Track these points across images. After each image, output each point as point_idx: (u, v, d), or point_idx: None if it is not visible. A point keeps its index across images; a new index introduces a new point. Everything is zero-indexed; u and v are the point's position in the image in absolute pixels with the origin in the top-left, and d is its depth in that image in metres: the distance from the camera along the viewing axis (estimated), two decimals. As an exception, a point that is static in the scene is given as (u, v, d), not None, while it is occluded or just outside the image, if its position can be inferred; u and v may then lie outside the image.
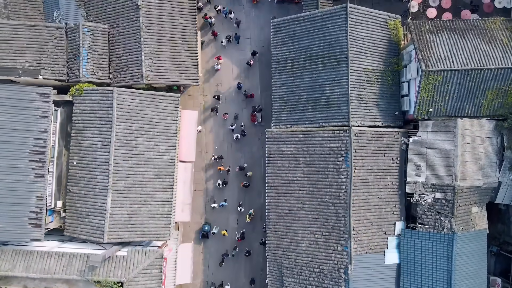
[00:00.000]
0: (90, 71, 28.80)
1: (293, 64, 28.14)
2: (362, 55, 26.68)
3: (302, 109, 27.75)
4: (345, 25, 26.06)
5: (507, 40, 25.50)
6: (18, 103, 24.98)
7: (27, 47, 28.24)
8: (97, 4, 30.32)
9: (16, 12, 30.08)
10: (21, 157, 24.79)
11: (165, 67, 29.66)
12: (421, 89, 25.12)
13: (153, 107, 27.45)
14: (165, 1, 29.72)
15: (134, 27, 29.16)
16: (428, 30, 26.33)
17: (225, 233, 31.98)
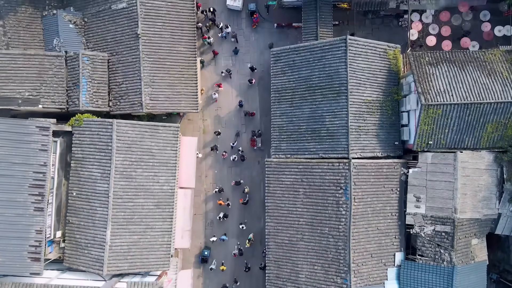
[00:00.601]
0: (90, 100, 28.82)
1: (293, 94, 28.13)
2: (362, 87, 26.67)
3: (301, 139, 27.73)
4: (345, 57, 26.06)
5: (506, 72, 25.48)
6: (18, 137, 24.98)
7: (27, 76, 28.32)
8: (96, 31, 30.37)
9: (15, 39, 30.13)
10: (20, 191, 24.78)
11: (164, 95, 29.68)
12: (420, 122, 25.10)
13: (153, 138, 27.45)
14: (164, 29, 29.75)
15: (134, 56, 29.18)
16: (428, 62, 26.32)
17: (223, 268, 31.85)
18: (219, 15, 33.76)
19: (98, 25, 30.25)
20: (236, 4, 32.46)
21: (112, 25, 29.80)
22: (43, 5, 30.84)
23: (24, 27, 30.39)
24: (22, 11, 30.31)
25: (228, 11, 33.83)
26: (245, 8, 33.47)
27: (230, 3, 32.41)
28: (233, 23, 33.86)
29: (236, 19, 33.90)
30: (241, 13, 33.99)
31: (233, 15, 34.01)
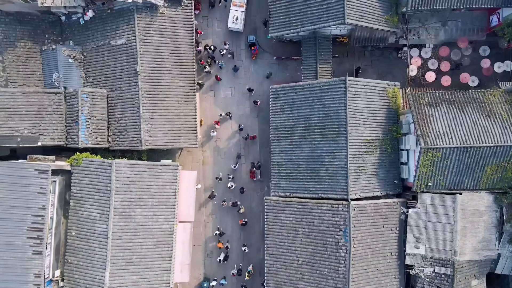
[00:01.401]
0: (89, 136, 28.80)
1: (292, 132, 28.09)
2: (361, 127, 26.63)
3: (301, 178, 27.68)
4: (344, 98, 26.04)
5: (506, 114, 25.45)
6: (16, 180, 24.93)
7: (26, 114, 28.29)
8: (96, 66, 30.35)
9: (14, 74, 30.05)
10: (19, 234, 24.71)
11: (163, 131, 29.65)
12: (420, 165, 25.06)
13: (152, 177, 27.41)
14: (164, 65, 29.74)
15: (133, 92, 29.17)
16: (427, 102, 26.29)
17: None
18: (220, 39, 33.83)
19: (98, 60, 30.23)
20: (238, 27, 32.43)
21: (112, 60, 29.79)
22: (42, 40, 30.80)
23: (24, 61, 30.31)
24: (21, 46, 30.24)
25: (229, 33, 33.67)
26: (245, 32, 33.37)
27: (232, 25, 32.36)
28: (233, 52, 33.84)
29: (235, 50, 33.81)
30: (241, 44, 33.94)
31: (234, 37, 33.79)
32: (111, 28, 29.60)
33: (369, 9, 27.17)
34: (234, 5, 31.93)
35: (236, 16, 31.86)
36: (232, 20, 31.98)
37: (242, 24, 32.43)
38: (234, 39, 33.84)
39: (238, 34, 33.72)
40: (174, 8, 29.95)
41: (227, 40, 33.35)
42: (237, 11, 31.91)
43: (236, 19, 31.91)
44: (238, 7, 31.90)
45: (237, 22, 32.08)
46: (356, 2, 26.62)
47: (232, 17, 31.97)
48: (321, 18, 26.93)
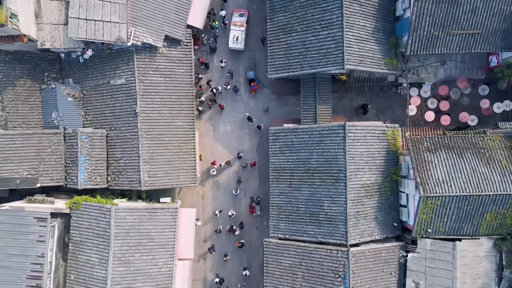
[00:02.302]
0: (88, 177, 28.79)
1: (291, 175, 28.09)
2: (360, 171, 26.63)
3: (300, 221, 27.68)
4: (343, 143, 26.04)
5: (505, 161, 25.44)
6: (15, 228, 24.94)
7: (25, 156, 28.33)
8: (95, 105, 30.36)
9: (14, 113, 30.02)
10: (17, 283, 24.73)
11: (163, 171, 29.63)
12: (419, 212, 25.06)
13: (151, 221, 27.43)
14: (163, 105, 29.75)
15: (132, 133, 29.16)
16: (426, 148, 26.29)
17: None
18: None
19: (97, 99, 30.25)
20: (239, 46, 32.34)
21: (111, 100, 29.80)
22: (42, 78, 30.77)
23: (23, 100, 30.27)
24: (20, 85, 30.21)
25: (230, 52, 33.51)
26: (245, 51, 33.32)
27: (232, 45, 32.25)
28: (232, 84, 33.81)
29: (235, 85, 33.80)
30: (240, 78, 33.90)
31: (235, 56, 33.63)
32: (111, 67, 29.61)
33: (368, 53, 27.19)
34: (234, 25, 31.86)
35: (237, 36, 31.76)
36: (233, 40, 31.88)
37: (243, 44, 32.32)
38: (234, 58, 33.66)
39: (238, 53, 33.50)
40: (173, 47, 29.96)
41: (225, 58, 33.11)
42: (237, 30, 31.77)
43: (236, 39, 31.81)
44: (238, 26, 31.80)
45: (238, 42, 31.96)
46: (355, 47, 26.64)
47: (233, 37, 31.86)
48: (320, 62, 26.95)
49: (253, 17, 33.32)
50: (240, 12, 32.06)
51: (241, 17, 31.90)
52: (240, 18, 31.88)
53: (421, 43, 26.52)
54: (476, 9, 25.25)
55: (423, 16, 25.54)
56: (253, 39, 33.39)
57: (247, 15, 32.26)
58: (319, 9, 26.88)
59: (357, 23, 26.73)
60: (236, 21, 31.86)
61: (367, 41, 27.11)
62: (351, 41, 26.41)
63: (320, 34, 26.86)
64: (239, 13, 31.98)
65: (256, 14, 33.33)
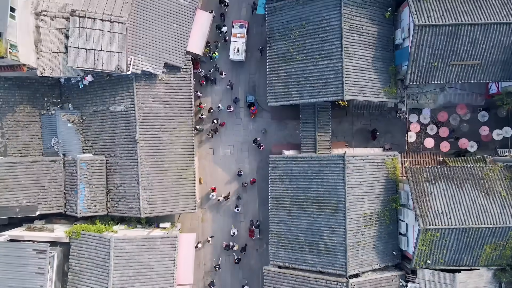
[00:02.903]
0: (88, 205, 28.78)
1: (291, 203, 28.10)
2: (360, 201, 26.64)
3: (299, 249, 27.68)
4: (343, 174, 26.05)
5: (505, 192, 25.44)
6: (14, 260, 24.95)
7: (25, 183, 28.32)
8: (95, 130, 30.35)
9: (13, 140, 29.99)
10: (17, 315, 24.70)
11: (162, 198, 29.62)
12: (418, 244, 25.05)
13: (151, 250, 27.40)
14: (162, 132, 29.74)
15: (132, 160, 29.16)
16: (426, 178, 26.28)
17: None
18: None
19: (96, 125, 30.24)
20: (239, 57, 32.24)
21: (110, 126, 29.80)
22: (42, 103, 30.76)
23: (22, 126, 30.26)
24: (20, 111, 30.20)
25: (231, 64, 33.39)
26: (246, 63, 33.38)
27: (233, 57, 32.13)
28: (232, 113, 33.80)
29: (235, 110, 33.77)
30: (240, 102, 33.87)
31: (236, 67, 33.57)
32: (110, 94, 29.61)
33: (368, 82, 27.20)
34: (234, 36, 31.77)
35: (237, 47, 31.64)
36: (234, 52, 31.78)
37: (243, 55, 32.20)
38: (235, 70, 33.60)
39: (239, 67, 33.45)
40: (173, 74, 29.96)
41: (225, 70, 33.01)
42: (238, 42, 31.66)
43: (237, 50, 31.69)
44: (239, 38, 31.71)
45: (239, 53, 31.85)
46: (355, 77, 26.66)
47: (234, 49, 31.74)
48: (319, 92, 26.97)
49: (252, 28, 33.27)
50: (240, 23, 31.96)
51: (241, 28, 31.81)
52: (240, 29, 31.79)
53: (421, 74, 26.53)
54: (475, 40, 25.26)
55: (422, 48, 25.55)
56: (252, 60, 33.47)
57: (247, 26, 32.16)
58: (318, 39, 26.89)
59: (357, 53, 26.74)
60: (237, 32, 31.78)
61: (367, 71, 27.11)
62: (350, 71, 26.42)
63: (319, 64, 26.87)
64: (239, 24, 31.89)
65: (255, 25, 33.25)
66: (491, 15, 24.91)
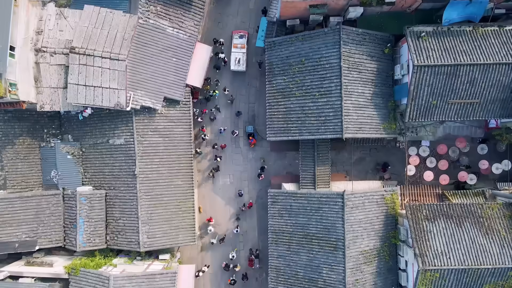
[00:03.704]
0: (87, 239, 28.80)
1: (290, 238, 28.10)
2: (359, 239, 26.63)
3: (299, 285, 27.70)
4: (342, 213, 26.05)
5: (504, 231, 25.43)
6: (14, 300, 24.91)
7: (24, 218, 28.40)
8: (94, 162, 30.37)
9: (13, 172, 30.02)
10: None
11: (162, 231, 29.62)
12: (418, 284, 25.00)
13: (150, 287, 27.35)
14: (162, 165, 29.75)
15: (132, 193, 29.17)
16: (425, 216, 26.28)
17: None
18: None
19: (96, 157, 30.26)
20: (240, 68, 32.18)
21: (110, 159, 29.81)
22: (41, 135, 30.81)
23: (22, 158, 30.29)
24: (20, 143, 30.23)
25: (232, 74, 33.29)
26: (247, 74, 33.30)
27: (234, 67, 32.08)
28: (232, 142, 33.81)
29: (234, 139, 33.80)
30: (239, 133, 33.86)
31: (236, 79, 33.46)
32: (110, 127, 29.63)
33: (367, 119, 27.21)
34: (235, 47, 31.74)
35: (238, 58, 31.60)
36: (235, 62, 31.74)
37: (244, 65, 32.14)
38: (236, 82, 33.57)
39: (240, 77, 33.35)
40: (172, 107, 29.99)
41: (227, 86, 32.98)
42: (239, 52, 31.64)
43: (238, 61, 31.64)
44: (239, 48, 31.70)
45: (240, 64, 31.81)
46: (354, 114, 26.67)
47: (234, 60, 31.69)
48: (319, 129, 26.97)
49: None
50: (240, 33, 31.87)
51: (241, 39, 31.74)
52: (241, 40, 31.73)
53: (420, 111, 26.54)
54: (474, 80, 25.27)
55: (421, 87, 25.57)
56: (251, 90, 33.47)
57: (247, 36, 32.07)
58: (317, 76, 26.91)
59: (356, 91, 26.77)
60: (237, 43, 31.71)
61: (366, 108, 27.14)
62: (349, 109, 26.44)
63: (319, 101, 26.89)
64: (239, 35, 31.81)
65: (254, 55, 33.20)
66: (490, 55, 24.94)
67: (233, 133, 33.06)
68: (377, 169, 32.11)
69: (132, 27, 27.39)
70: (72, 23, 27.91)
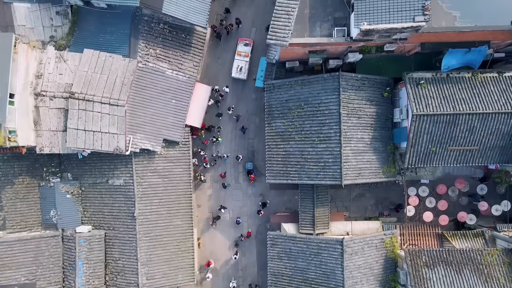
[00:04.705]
0: (86, 281, 28.77)
1: (290, 282, 28.11)
2: (359, 284, 26.63)
3: (298, 329, 27.64)
4: (341, 259, 26.05)
5: (503, 279, 25.41)
6: None
7: (23, 261, 28.40)
8: (93, 202, 30.36)
9: (12, 212, 30.01)
10: None
11: (161, 272, 29.62)
12: (417, 332, 25.01)
13: (149, 332, 27.39)
14: (161, 206, 29.77)
15: (131, 235, 29.18)
16: (425, 263, 26.24)
17: None
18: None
19: (95, 197, 30.25)
20: (241, 76, 32.02)
21: (109, 199, 29.82)
22: (41, 173, 30.77)
23: (21, 198, 30.27)
24: (19, 183, 30.22)
25: (233, 82, 33.04)
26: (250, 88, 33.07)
27: (235, 75, 31.93)
28: (231, 175, 33.81)
29: (234, 173, 33.81)
30: (239, 167, 33.86)
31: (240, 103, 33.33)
32: (109, 167, 29.65)
33: (366, 165, 27.23)
34: (238, 55, 31.60)
35: (240, 66, 31.46)
36: (236, 70, 31.57)
37: (245, 74, 31.94)
38: (241, 104, 33.46)
39: (243, 88, 33.14)
40: (171, 147, 30.01)
41: (233, 105, 32.80)
42: (242, 61, 31.48)
43: (240, 69, 31.49)
44: (243, 57, 31.49)
45: (241, 72, 31.64)
46: (353, 161, 26.68)
47: (236, 67, 31.54)
48: (318, 175, 26.98)
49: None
50: (245, 41, 31.61)
51: (246, 47, 31.50)
52: (245, 48, 31.49)
53: (419, 158, 26.56)
54: (473, 128, 25.29)
55: (420, 134, 25.59)
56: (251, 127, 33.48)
57: (252, 45, 31.80)
58: (317, 121, 26.93)
59: (355, 136, 26.79)
60: (241, 51, 31.51)
61: (365, 153, 27.15)
62: (349, 155, 26.45)
63: (318, 146, 26.90)
64: (244, 42, 31.57)
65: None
66: (489, 104, 24.96)
67: (237, 158, 33.00)
68: (390, 209, 32.07)
69: (132, 71, 27.42)
70: (71, 67, 27.93)
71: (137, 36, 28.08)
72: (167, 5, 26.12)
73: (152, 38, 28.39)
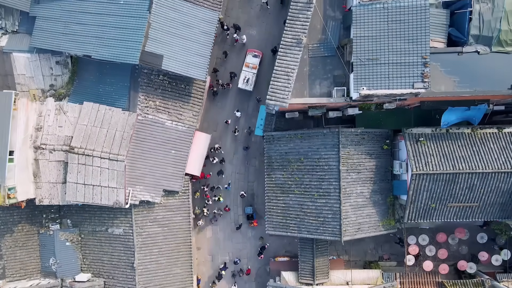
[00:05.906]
0: (86, 334, 28.73)
1: (289, 334, 28.02)
2: None
3: None
4: (341, 316, 25.95)
5: (503, 336, 25.35)
6: None
7: (22, 313, 28.27)
8: (93, 249, 30.32)
9: (12, 260, 29.94)
10: None
11: (161, 324, 29.59)
12: None
13: None
14: (161, 255, 29.74)
15: (130, 285, 29.16)
16: (424, 319, 26.21)
17: None
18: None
19: (95, 245, 30.19)
20: (248, 88, 31.67)
21: (109, 248, 29.78)
22: (40, 220, 30.67)
23: (21, 246, 30.19)
24: (18, 230, 30.14)
25: (238, 92, 32.79)
26: (254, 92, 32.62)
27: (242, 86, 31.56)
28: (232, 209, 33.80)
29: (234, 216, 33.81)
30: (238, 209, 33.85)
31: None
32: (109, 216, 29.61)
33: (366, 219, 27.21)
34: (246, 66, 31.06)
35: (248, 78, 30.99)
36: (243, 81, 31.18)
37: (252, 86, 31.51)
38: (235, 160, 33.50)
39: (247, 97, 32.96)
40: (171, 196, 29.98)
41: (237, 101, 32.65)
42: (249, 72, 31.00)
43: (247, 81, 31.06)
44: (251, 68, 31.01)
45: (248, 84, 31.23)
46: (353, 216, 26.66)
47: (243, 78, 31.10)
48: (317, 229, 26.96)
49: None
50: (255, 53, 31.08)
51: (255, 58, 31.00)
52: (254, 59, 30.97)
53: (419, 213, 26.54)
54: (473, 186, 25.25)
55: (420, 191, 25.56)
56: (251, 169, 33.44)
57: (260, 57, 31.20)
58: (316, 176, 26.90)
59: (355, 191, 26.76)
60: (250, 62, 30.93)
61: (365, 207, 27.12)
62: (348, 211, 26.43)
63: (317, 201, 26.88)
64: (253, 54, 31.04)
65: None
66: (489, 163, 24.92)
67: (242, 196, 32.99)
68: (396, 243, 31.98)
69: (131, 125, 27.42)
70: (71, 119, 27.94)
71: (136, 88, 28.11)
72: (166, 62, 26.15)
73: (151, 90, 28.42)
